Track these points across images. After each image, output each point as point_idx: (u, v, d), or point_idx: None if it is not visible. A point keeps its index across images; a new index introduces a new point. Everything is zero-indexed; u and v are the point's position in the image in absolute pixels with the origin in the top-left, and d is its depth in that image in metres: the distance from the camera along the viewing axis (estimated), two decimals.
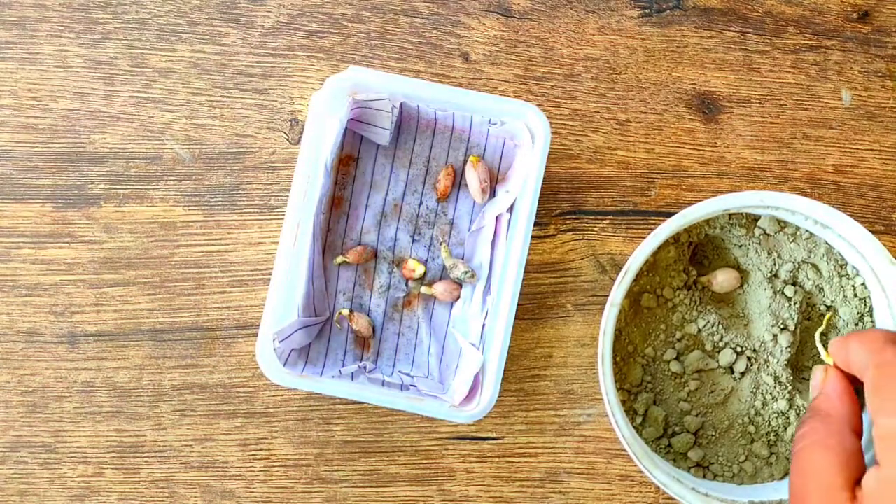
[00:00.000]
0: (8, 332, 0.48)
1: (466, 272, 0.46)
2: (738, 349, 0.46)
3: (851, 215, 0.47)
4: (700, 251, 0.48)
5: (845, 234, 0.44)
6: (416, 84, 0.43)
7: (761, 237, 0.46)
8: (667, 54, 0.50)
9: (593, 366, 0.49)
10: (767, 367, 0.45)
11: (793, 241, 0.46)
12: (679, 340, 0.46)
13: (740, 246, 0.47)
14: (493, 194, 0.47)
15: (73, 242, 0.49)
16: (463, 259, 0.47)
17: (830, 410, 0.35)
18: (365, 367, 0.46)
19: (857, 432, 0.34)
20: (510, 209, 0.45)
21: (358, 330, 0.47)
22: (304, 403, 0.49)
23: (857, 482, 0.32)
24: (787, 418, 0.46)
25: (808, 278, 0.46)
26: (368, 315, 0.47)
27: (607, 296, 0.44)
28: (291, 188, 0.43)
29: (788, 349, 0.45)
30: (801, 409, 0.46)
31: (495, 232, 0.46)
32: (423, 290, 0.47)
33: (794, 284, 0.46)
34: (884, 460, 0.31)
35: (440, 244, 0.47)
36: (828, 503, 0.32)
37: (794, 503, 0.34)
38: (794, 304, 0.46)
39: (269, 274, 0.48)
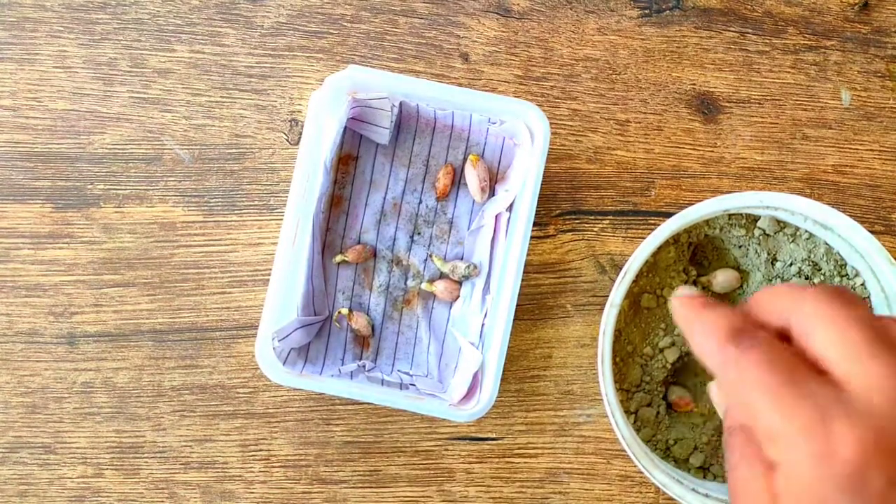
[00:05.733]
0: (7, 333, 0.48)
1: (468, 266, 0.46)
2: None
3: (851, 215, 0.47)
4: (700, 251, 0.48)
5: (845, 234, 0.44)
6: (415, 83, 0.43)
7: (761, 237, 0.46)
8: (666, 54, 0.50)
9: (593, 366, 0.49)
10: None
11: (792, 241, 0.46)
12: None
13: (740, 246, 0.47)
14: (492, 193, 0.47)
15: (73, 243, 0.49)
16: (462, 259, 0.47)
17: (744, 420, 0.33)
18: (364, 366, 0.46)
19: None
20: (510, 208, 0.45)
21: (357, 329, 0.47)
22: (304, 404, 0.49)
23: None
24: None
25: (808, 279, 0.46)
26: (368, 314, 0.47)
27: (607, 296, 0.43)
28: (291, 187, 0.43)
29: None
30: None
31: (495, 231, 0.46)
32: (425, 286, 0.47)
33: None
34: (781, 461, 0.30)
35: (429, 255, 0.47)
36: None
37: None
38: None
39: (269, 274, 0.48)
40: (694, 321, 0.33)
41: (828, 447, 0.28)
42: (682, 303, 0.34)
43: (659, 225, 0.43)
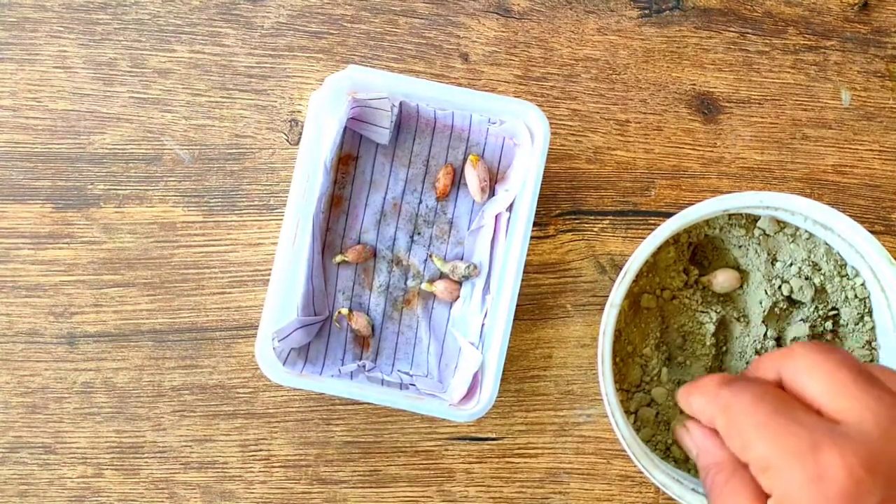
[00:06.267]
0: (7, 333, 0.48)
1: (468, 266, 0.46)
2: (739, 349, 0.46)
3: (851, 215, 0.47)
4: (700, 251, 0.48)
5: (845, 234, 0.44)
6: (415, 83, 0.43)
7: (761, 238, 0.46)
8: (666, 55, 0.50)
9: (593, 366, 0.49)
10: None
11: (792, 241, 0.46)
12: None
13: (740, 246, 0.47)
14: (492, 193, 0.47)
15: (73, 243, 0.49)
16: (462, 259, 0.47)
17: (718, 458, 0.35)
18: (364, 366, 0.46)
19: (746, 466, 0.34)
20: (510, 208, 0.45)
21: (357, 329, 0.47)
22: (304, 404, 0.49)
23: None
24: None
25: (808, 279, 0.46)
26: (368, 314, 0.47)
27: (607, 296, 0.44)
28: (291, 187, 0.43)
29: None
30: None
31: (495, 231, 0.46)
32: (425, 286, 0.47)
33: (793, 285, 0.46)
34: (774, 488, 0.31)
35: (429, 256, 0.47)
36: None
37: None
38: (794, 304, 0.46)
39: (269, 274, 0.48)
40: (690, 388, 0.36)
41: (818, 471, 0.29)
42: (683, 387, 0.37)
43: (659, 225, 0.43)
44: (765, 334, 0.45)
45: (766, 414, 0.32)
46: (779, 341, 0.46)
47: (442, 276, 0.48)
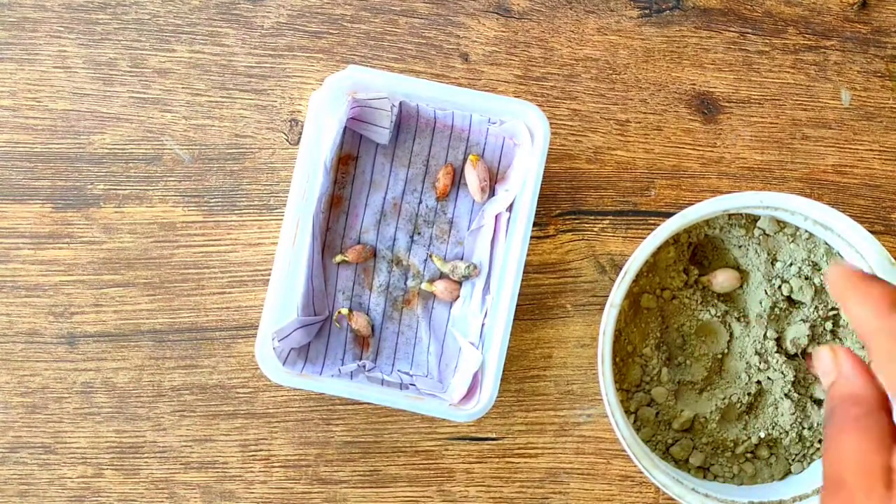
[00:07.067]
0: (7, 333, 0.48)
1: (468, 266, 0.46)
2: (739, 349, 0.46)
3: (851, 215, 0.47)
4: (700, 251, 0.48)
5: (845, 234, 0.44)
6: (415, 83, 0.43)
7: (761, 237, 0.46)
8: (666, 54, 0.50)
9: (593, 366, 0.49)
10: (768, 367, 0.45)
11: (792, 241, 0.46)
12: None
13: (740, 246, 0.47)
14: (492, 193, 0.47)
15: (73, 243, 0.49)
16: (462, 259, 0.47)
17: (856, 391, 0.31)
18: (364, 366, 0.46)
19: (889, 410, 0.31)
20: (510, 208, 0.45)
21: (357, 329, 0.47)
22: (304, 404, 0.49)
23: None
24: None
25: (808, 279, 0.46)
26: (368, 314, 0.47)
27: (607, 296, 0.44)
28: (291, 187, 0.43)
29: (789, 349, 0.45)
30: (803, 407, 0.46)
31: (495, 231, 0.46)
32: (425, 286, 0.47)
33: (793, 285, 0.46)
34: None
35: (429, 255, 0.47)
36: (867, 488, 0.29)
37: (830, 490, 0.30)
38: (794, 304, 0.46)
39: (269, 274, 0.48)
40: (852, 290, 0.32)
41: None
42: (841, 273, 0.33)
43: (659, 225, 0.43)
44: (765, 334, 0.45)
45: None
46: (779, 341, 0.46)
47: (442, 276, 0.48)
